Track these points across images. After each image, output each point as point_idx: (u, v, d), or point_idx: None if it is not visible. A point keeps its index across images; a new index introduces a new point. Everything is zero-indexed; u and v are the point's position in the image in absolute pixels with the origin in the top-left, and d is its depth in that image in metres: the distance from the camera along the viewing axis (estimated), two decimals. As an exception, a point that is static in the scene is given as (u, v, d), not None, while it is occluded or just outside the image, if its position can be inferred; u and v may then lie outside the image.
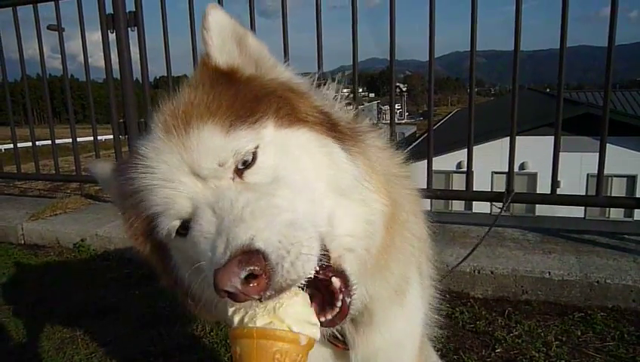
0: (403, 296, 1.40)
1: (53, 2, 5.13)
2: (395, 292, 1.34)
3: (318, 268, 0.93)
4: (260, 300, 0.87)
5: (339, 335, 1.36)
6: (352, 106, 1.34)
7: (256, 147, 1.01)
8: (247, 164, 1.00)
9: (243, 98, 1.06)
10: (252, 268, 0.81)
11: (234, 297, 0.84)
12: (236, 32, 1.16)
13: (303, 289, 0.95)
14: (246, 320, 0.93)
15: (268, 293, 0.85)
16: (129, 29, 4.68)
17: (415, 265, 1.52)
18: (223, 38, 1.14)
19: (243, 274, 0.81)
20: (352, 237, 1.07)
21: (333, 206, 1.04)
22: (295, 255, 0.86)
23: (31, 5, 5.20)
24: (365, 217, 1.10)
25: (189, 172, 0.99)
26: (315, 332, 0.97)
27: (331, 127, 1.10)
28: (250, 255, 0.82)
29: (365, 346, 1.39)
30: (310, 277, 0.91)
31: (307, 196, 0.99)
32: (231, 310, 0.95)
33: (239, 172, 1.00)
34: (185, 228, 1.01)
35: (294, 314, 0.93)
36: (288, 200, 0.96)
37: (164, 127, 1.03)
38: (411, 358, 1.57)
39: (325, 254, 0.96)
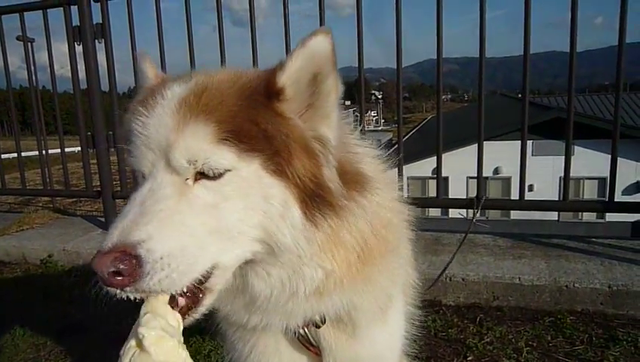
0: (386, 312, 1.44)
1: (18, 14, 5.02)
2: (379, 309, 1.39)
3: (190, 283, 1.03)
4: (121, 291, 0.96)
5: (312, 340, 1.36)
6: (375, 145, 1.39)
7: (228, 170, 1.04)
8: (209, 176, 1.04)
9: (255, 125, 1.06)
10: (120, 267, 0.92)
11: (102, 280, 0.95)
12: (320, 67, 1.10)
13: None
14: None
15: (128, 289, 0.96)
16: (96, 40, 4.60)
17: (400, 284, 1.54)
18: (305, 63, 1.09)
19: (111, 269, 0.92)
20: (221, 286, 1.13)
21: (249, 251, 1.09)
22: (166, 274, 0.96)
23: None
24: (287, 271, 1.14)
25: (166, 152, 1.05)
26: None
27: (312, 196, 1.09)
28: (126, 256, 0.93)
29: (343, 355, 1.41)
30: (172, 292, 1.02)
31: (230, 238, 1.05)
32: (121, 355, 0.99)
33: (198, 176, 1.05)
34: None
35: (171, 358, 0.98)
36: (203, 229, 1.01)
37: (182, 102, 1.06)
38: None
39: (204, 278, 1.05)
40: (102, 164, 4.69)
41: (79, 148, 4.96)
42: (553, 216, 19.30)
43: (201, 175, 1.04)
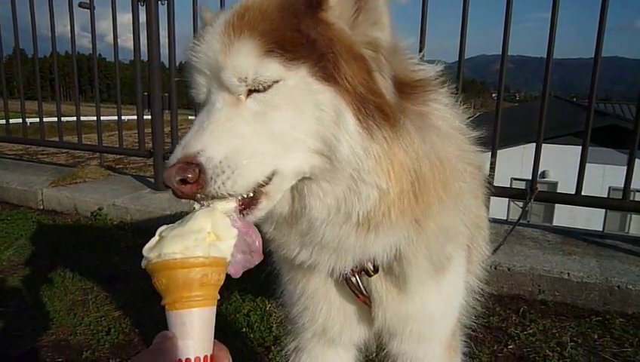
0: (442, 272, 1.38)
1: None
2: (433, 266, 1.33)
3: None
4: (194, 200, 1.01)
5: (363, 289, 1.34)
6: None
7: (276, 81, 1.04)
8: (259, 90, 1.05)
9: (298, 33, 1.05)
10: (186, 175, 0.97)
11: (173, 192, 1.01)
12: None
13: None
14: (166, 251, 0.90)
15: (199, 196, 1.00)
16: (159, 2, 4.69)
17: (463, 247, 1.48)
18: None
19: (177, 178, 0.98)
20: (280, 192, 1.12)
21: (306, 164, 1.08)
22: (227, 176, 1.00)
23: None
24: (343, 188, 1.11)
25: (217, 73, 1.07)
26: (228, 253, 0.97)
27: (364, 102, 1.05)
28: (188, 165, 0.98)
29: (394, 310, 1.37)
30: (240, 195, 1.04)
31: (285, 144, 1.05)
32: (147, 248, 0.94)
33: (250, 92, 1.06)
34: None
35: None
36: (256, 136, 1.04)
37: (227, 24, 1.08)
38: (442, 340, 1.54)
39: (264, 183, 1.07)
40: (156, 124, 4.79)
41: (130, 117, 5.09)
42: (598, 225, 18.65)
43: (253, 88, 1.06)
